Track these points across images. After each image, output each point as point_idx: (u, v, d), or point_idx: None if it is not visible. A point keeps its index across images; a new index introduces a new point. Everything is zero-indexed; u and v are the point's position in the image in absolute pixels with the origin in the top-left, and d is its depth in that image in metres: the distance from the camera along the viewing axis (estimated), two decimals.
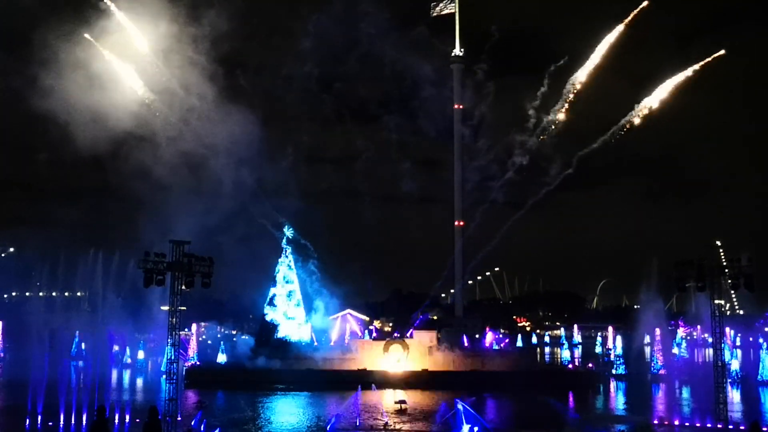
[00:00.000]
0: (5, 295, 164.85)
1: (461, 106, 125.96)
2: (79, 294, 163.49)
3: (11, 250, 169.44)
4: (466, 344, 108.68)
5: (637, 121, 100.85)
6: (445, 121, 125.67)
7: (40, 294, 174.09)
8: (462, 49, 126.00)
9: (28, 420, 51.29)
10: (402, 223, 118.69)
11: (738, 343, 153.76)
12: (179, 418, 47.72)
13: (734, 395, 79.29)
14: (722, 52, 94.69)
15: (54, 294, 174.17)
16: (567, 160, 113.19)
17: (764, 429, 50.47)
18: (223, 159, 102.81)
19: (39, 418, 51.98)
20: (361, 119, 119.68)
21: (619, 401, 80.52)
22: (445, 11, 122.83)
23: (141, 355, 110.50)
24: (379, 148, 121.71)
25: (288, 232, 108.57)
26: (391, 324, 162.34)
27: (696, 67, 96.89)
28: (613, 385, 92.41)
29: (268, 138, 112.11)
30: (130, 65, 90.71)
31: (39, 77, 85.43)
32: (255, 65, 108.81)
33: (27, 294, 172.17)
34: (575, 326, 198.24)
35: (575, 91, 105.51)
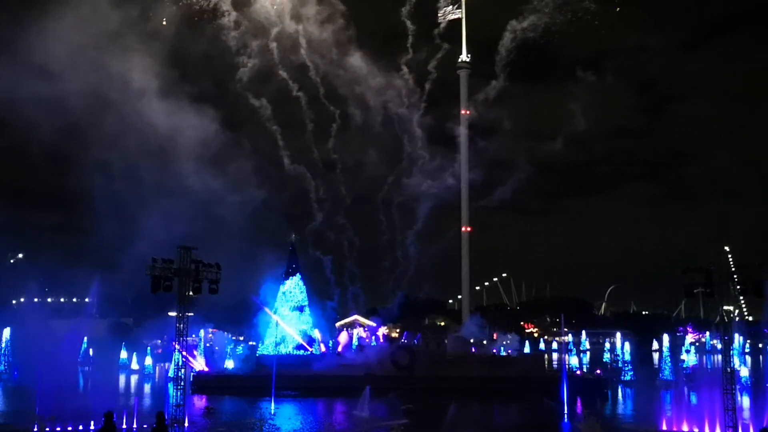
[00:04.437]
0: (13, 301, 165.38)
1: (468, 112, 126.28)
2: (87, 300, 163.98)
3: (20, 255, 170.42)
4: (473, 350, 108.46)
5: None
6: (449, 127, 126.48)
7: (48, 300, 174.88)
8: (469, 55, 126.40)
9: (36, 426, 51.44)
10: (412, 228, 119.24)
11: (747, 349, 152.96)
12: (186, 424, 47.71)
13: (743, 401, 78.81)
14: None
15: (62, 300, 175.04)
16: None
17: None
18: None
19: (46, 423, 52.09)
20: (375, 123, 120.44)
21: (627, 407, 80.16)
22: (452, 17, 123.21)
23: (148, 360, 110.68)
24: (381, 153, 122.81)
25: (294, 239, 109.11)
26: (398, 330, 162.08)
27: None
28: (621, 391, 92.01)
29: (272, 143, 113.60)
30: None
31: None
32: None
33: (35, 300, 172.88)
34: (583, 332, 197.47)
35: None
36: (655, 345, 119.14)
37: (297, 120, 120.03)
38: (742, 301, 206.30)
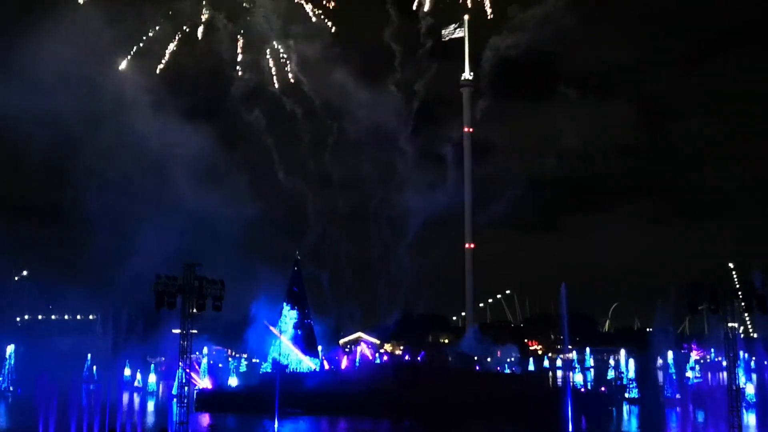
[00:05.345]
0: (18, 318, 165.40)
1: (471, 130, 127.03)
2: (91, 317, 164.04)
3: (24, 273, 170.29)
4: (477, 368, 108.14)
5: None
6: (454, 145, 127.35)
7: (53, 317, 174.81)
8: (471, 73, 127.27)
9: None
10: (412, 244, 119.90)
11: (753, 366, 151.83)
12: None
13: (749, 419, 78.34)
14: None
15: (66, 317, 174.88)
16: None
17: None
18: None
19: None
20: (372, 143, 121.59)
21: (632, 425, 79.72)
22: (455, 36, 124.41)
23: (152, 378, 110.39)
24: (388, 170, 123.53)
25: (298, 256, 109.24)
26: (401, 347, 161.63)
27: None
28: (626, 408, 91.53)
29: (275, 161, 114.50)
30: None
31: None
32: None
33: (39, 317, 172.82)
34: (587, 349, 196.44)
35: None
36: (660, 362, 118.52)
37: (292, 135, 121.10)
38: (747, 318, 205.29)
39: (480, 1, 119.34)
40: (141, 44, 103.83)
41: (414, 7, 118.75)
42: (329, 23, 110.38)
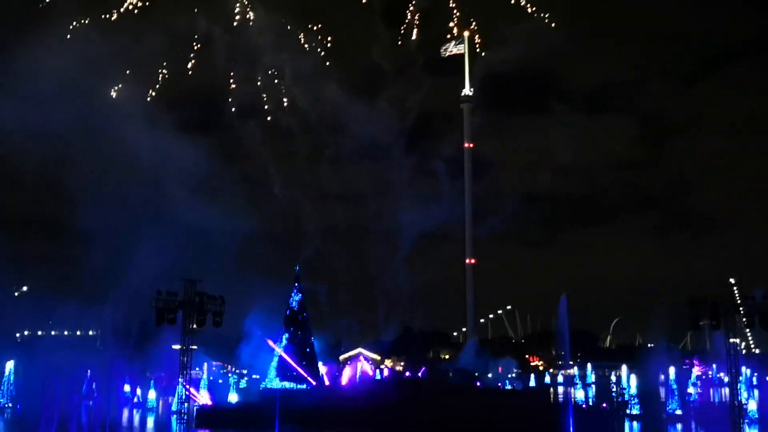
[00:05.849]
0: (17, 334, 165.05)
1: (471, 145, 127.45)
2: (91, 333, 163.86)
3: (24, 288, 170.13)
4: (478, 383, 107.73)
5: None
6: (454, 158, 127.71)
7: (53, 333, 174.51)
8: (471, 89, 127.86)
9: None
10: (411, 258, 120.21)
11: (755, 382, 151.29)
12: None
13: None
14: None
15: (66, 333, 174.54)
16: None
17: None
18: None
19: None
20: (369, 158, 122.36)
21: None
22: (455, 51, 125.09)
23: (152, 394, 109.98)
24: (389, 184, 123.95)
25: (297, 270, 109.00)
26: (402, 363, 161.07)
27: None
28: (627, 425, 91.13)
29: (271, 176, 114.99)
30: None
31: None
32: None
33: (39, 333, 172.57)
34: (589, 365, 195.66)
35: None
36: (662, 378, 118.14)
37: (288, 150, 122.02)
38: (749, 334, 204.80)
39: (469, 20, 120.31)
40: (137, 60, 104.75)
41: (401, 31, 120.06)
42: (322, 52, 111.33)
